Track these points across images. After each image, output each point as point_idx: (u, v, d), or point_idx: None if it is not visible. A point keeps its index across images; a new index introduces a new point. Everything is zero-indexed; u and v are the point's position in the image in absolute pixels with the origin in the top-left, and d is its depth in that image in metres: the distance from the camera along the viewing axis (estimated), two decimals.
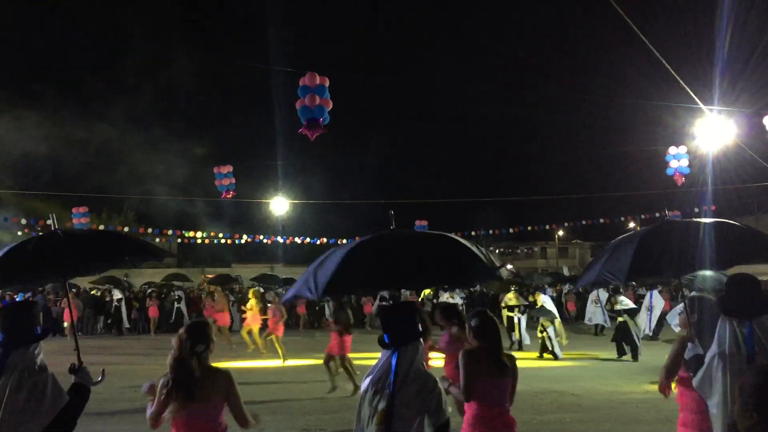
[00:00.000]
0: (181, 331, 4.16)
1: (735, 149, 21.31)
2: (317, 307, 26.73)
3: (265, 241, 34.46)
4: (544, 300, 17.54)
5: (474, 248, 4.05)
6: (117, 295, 25.69)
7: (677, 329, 9.36)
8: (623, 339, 15.63)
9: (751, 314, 4.13)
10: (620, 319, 15.97)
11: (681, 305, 5.69)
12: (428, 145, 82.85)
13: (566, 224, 37.94)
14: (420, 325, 4.10)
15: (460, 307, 18.26)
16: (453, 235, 4.30)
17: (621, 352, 15.63)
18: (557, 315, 17.65)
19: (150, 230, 32.47)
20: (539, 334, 16.49)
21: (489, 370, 4.56)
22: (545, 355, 16.17)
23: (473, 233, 37.65)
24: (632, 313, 15.99)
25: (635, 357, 15.23)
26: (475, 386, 4.47)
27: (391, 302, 16.68)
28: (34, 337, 3.94)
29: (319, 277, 3.88)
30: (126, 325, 25.52)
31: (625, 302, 16.44)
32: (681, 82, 15.40)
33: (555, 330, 16.59)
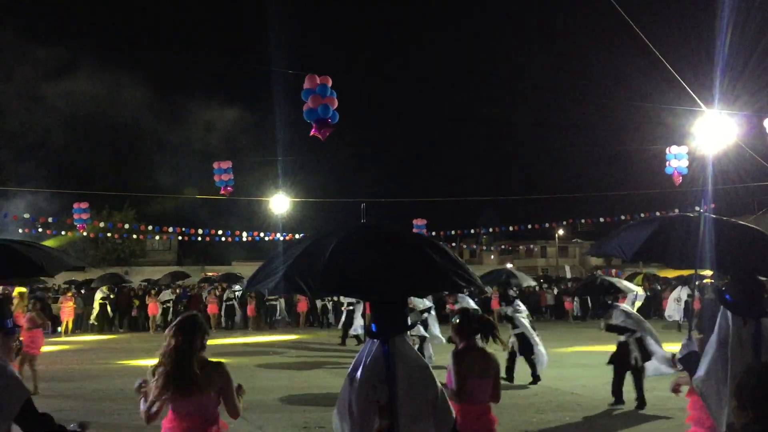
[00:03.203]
0: (176, 323, 4.17)
1: (735, 149, 21.32)
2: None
3: (266, 238, 34.44)
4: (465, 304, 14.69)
5: (438, 258, 3.99)
6: (101, 294, 25.69)
7: None
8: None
9: (758, 314, 4.14)
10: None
11: None
12: (429, 143, 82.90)
13: (565, 223, 37.90)
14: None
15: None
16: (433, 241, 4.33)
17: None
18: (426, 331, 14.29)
19: (150, 227, 32.47)
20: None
21: (476, 370, 4.63)
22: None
23: (473, 231, 37.67)
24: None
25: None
26: (467, 384, 4.52)
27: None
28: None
29: (312, 273, 3.76)
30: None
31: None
32: (682, 81, 15.41)
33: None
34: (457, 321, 4.89)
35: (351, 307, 19.20)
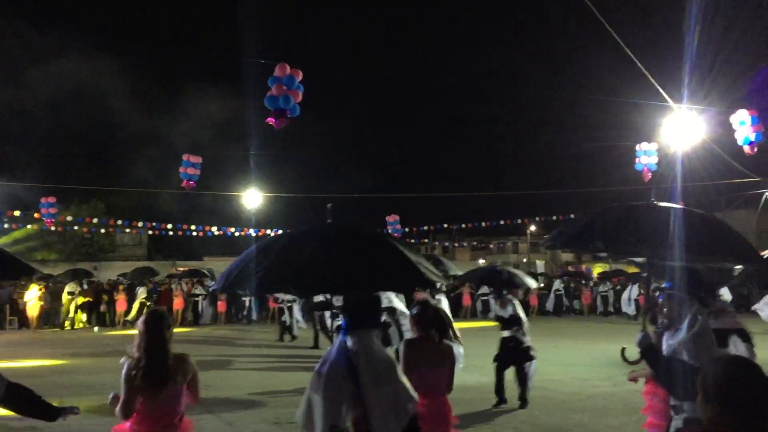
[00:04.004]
0: (146, 317, 4.25)
1: (703, 146, 21.63)
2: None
3: (237, 234, 34.20)
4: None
5: (412, 257, 4.08)
6: (68, 288, 25.38)
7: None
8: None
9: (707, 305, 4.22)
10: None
11: None
12: (402, 139, 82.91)
13: (537, 219, 38.17)
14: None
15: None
16: (392, 241, 4.41)
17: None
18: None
19: (120, 222, 32.00)
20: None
21: (427, 359, 4.64)
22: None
23: (446, 226, 37.82)
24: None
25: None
26: (414, 375, 4.54)
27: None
28: None
29: (251, 273, 3.90)
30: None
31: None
32: (651, 78, 15.58)
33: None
34: (415, 311, 4.92)
35: (289, 304, 19.20)
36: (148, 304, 24.43)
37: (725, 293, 22.75)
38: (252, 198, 31.12)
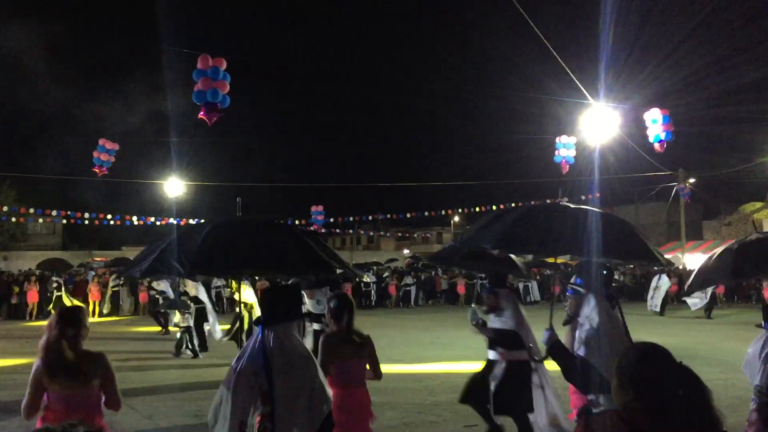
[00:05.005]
0: (52, 315, 4.16)
1: (619, 141, 22.45)
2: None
3: (158, 223, 33.31)
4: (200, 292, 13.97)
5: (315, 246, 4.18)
6: None
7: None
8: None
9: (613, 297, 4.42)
10: None
11: None
12: (328, 130, 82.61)
13: (461, 210, 38.79)
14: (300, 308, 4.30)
15: None
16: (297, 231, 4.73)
17: None
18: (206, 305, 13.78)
19: (32, 210, 30.63)
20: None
21: (346, 352, 4.69)
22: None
23: (371, 218, 37.94)
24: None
25: None
26: (331, 368, 4.55)
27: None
28: None
29: (187, 253, 4.00)
30: None
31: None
32: (570, 74, 16.04)
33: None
34: (332, 305, 4.91)
35: (165, 294, 16.62)
36: (64, 296, 23.59)
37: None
38: (173, 186, 30.38)
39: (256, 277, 13.00)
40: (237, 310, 14.81)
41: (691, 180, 34.86)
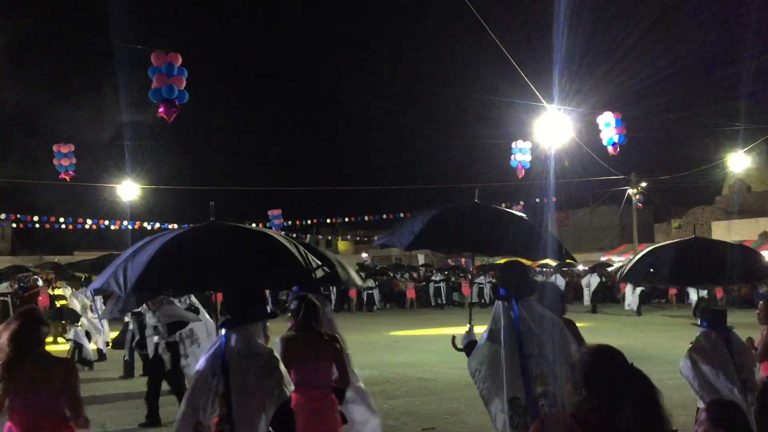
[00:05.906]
0: (10, 318, 4.05)
1: (573, 145, 22.82)
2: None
3: (111, 227, 32.65)
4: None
5: (295, 251, 3.99)
6: None
7: None
8: None
9: (518, 297, 4.49)
10: None
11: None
12: (285, 132, 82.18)
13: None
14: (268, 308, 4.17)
15: None
16: (276, 235, 4.17)
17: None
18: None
19: None
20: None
21: (304, 355, 4.63)
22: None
23: (329, 221, 37.84)
24: None
25: None
26: (290, 371, 4.52)
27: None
28: None
29: (129, 270, 3.70)
30: None
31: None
32: (525, 78, 16.25)
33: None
34: (292, 305, 4.87)
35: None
36: (12, 301, 22.94)
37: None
38: (128, 190, 29.85)
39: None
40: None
41: (643, 184, 35.61)
